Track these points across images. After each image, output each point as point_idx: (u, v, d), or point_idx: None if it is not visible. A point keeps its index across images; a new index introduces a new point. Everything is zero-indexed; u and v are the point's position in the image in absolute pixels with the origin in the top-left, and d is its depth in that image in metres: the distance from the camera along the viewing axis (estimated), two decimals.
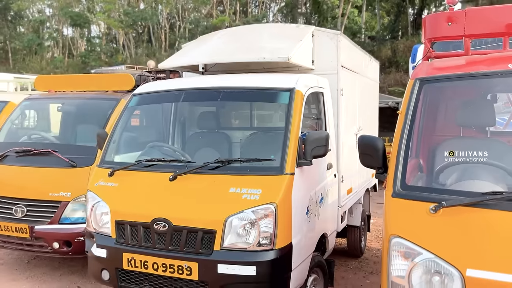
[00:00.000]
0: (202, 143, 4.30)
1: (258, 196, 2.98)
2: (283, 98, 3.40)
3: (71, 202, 4.41)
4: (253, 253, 2.94)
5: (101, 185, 3.53)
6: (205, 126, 4.56)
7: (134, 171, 3.52)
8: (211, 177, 3.22)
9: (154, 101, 4.15)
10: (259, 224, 2.94)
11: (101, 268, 3.38)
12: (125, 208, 3.33)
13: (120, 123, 3.91)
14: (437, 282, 2.02)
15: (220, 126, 4.64)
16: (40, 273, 4.96)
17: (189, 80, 4.02)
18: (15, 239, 4.54)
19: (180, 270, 3.03)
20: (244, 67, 4.37)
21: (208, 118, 4.59)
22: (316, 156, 3.22)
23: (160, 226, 3.12)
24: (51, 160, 4.59)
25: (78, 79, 5.46)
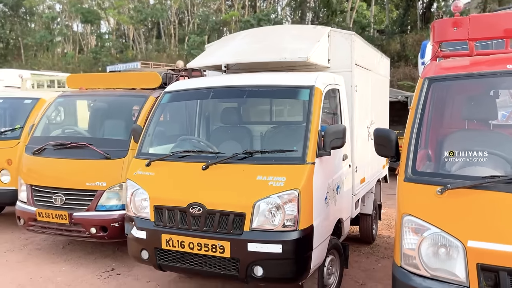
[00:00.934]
0: (225, 136, 4.68)
1: (283, 183, 3.35)
2: (304, 95, 3.76)
3: (107, 191, 4.82)
4: (279, 233, 3.31)
5: (139, 174, 3.92)
6: (228, 120, 4.94)
7: (168, 161, 3.90)
8: (239, 166, 3.59)
9: (185, 98, 4.52)
10: (284, 208, 3.31)
11: (141, 248, 3.78)
12: (162, 195, 3.72)
13: (153, 118, 4.29)
14: (443, 253, 2.37)
15: (242, 121, 5.01)
16: (76, 257, 5.39)
17: (215, 79, 4.37)
18: (55, 225, 4.97)
19: (214, 248, 3.41)
20: (264, 66, 4.72)
21: (230, 114, 4.96)
22: (334, 147, 3.58)
23: (195, 210, 3.50)
24: (86, 153, 5.00)
25: (108, 77, 5.85)
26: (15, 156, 6.20)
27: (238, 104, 5.02)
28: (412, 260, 2.46)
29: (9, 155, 6.22)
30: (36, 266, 5.07)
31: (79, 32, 46.99)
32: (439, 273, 2.37)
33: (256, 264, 3.32)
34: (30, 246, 5.83)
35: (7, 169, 6.22)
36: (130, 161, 4.83)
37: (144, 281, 4.63)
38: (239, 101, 4.70)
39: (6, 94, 7.53)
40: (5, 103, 7.05)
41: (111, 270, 4.94)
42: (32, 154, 5.28)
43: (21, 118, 6.65)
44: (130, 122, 5.24)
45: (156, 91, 5.44)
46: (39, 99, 6.67)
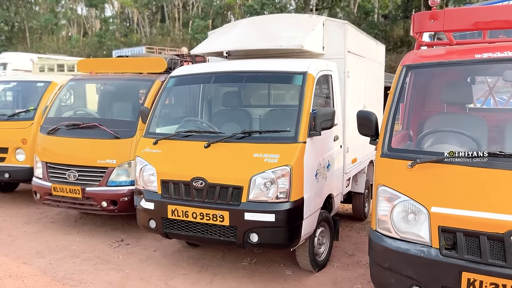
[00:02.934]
0: (226, 118, 5.04)
1: (277, 160, 3.73)
2: (297, 80, 4.10)
3: (116, 168, 5.22)
4: (273, 204, 3.70)
5: (147, 152, 4.31)
6: (229, 104, 5.30)
7: (174, 140, 4.28)
8: (238, 145, 3.96)
9: (188, 82, 4.88)
10: (277, 182, 3.69)
11: (149, 218, 4.19)
12: (169, 170, 4.11)
13: (160, 101, 4.66)
14: (411, 218, 2.75)
15: (242, 104, 5.37)
16: (88, 229, 5.83)
17: (217, 64, 4.71)
18: (68, 199, 5.39)
19: (214, 218, 3.81)
20: (263, 53, 5.04)
21: (231, 97, 5.32)
22: (324, 128, 3.94)
23: (198, 183, 3.89)
24: (98, 133, 5.38)
25: (116, 62, 6.21)
26: (29, 136, 6.60)
27: (238, 88, 5.37)
28: (385, 224, 2.84)
29: (24, 135, 6.62)
30: (52, 236, 5.52)
31: (83, 16, 47.05)
32: (407, 235, 2.75)
33: (252, 231, 3.73)
34: (44, 219, 6.28)
35: (22, 148, 6.63)
36: (138, 140, 5.23)
37: (151, 250, 5.06)
38: (239, 85, 5.05)
39: (19, 77, 7.91)
40: (19, 86, 7.44)
41: (121, 241, 5.37)
42: (47, 133, 5.67)
43: (34, 100, 7.03)
44: (137, 105, 5.62)
45: (162, 76, 5.79)
46: (51, 82, 7.04)
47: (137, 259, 4.81)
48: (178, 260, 4.78)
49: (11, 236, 5.53)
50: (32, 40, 45.43)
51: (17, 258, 4.81)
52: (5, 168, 6.64)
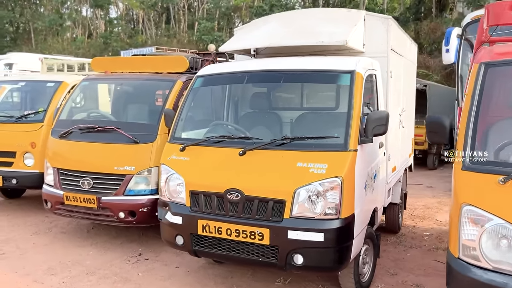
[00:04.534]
0: (254, 122, 4.59)
1: (325, 170, 3.27)
2: (344, 79, 3.65)
3: (135, 176, 4.77)
4: (321, 221, 3.24)
5: (174, 159, 3.86)
6: (257, 106, 4.85)
7: (203, 146, 3.83)
8: (278, 152, 3.51)
9: (218, 83, 4.44)
10: (326, 196, 3.23)
11: (176, 233, 3.74)
12: (198, 180, 3.65)
13: (186, 102, 4.21)
14: (505, 245, 2.28)
15: (271, 106, 4.92)
16: (102, 241, 5.38)
17: (250, 63, 4.27)
18: (82, 208, 4.94)
19: (252, 235, 3.36)
20: (294, 50, 4.61)
21: (260, 99, 4.87)
22: (376, 135, 3.48)
23: (233, 196, 3.44)
24: (114, 137, 4.94)
25: (134, 61, 5.77)
26: (38, 139, 6.18)
27: (267, 89, 4.93)
28: (472, 251, 2.37)
29: (33, 138, 6.20)
30: (64, 249, 5.07)
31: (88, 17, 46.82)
32: (501, 265, 2.29)
33: (296, 252, 3.27)
34: (55, 229, 5.83)
35: (30, 152, 6.21)
36: (159, 145, 4.80)
37: (173, 267, 4.61)
38: (275, 85, 4.61)
39: (28, 77, 7.50)
40: (27, 86, 7.02)
41: (139, 255, 4.92)
42: (59, 137, 5.23)
43: (43, 101, 6.62)
44: (156, 107, 5.18)
45: (183, 75, 5.35)
46: (62, 82, 6.61)
47: (159, 277, 4.36)
48: (203, 278, 4.32)
49: (19, 248, 5.08)
50: (37, 41, 45.20)
51: (27, 275, 4.36)
52: (12, 173, 6.22)
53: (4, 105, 7.39)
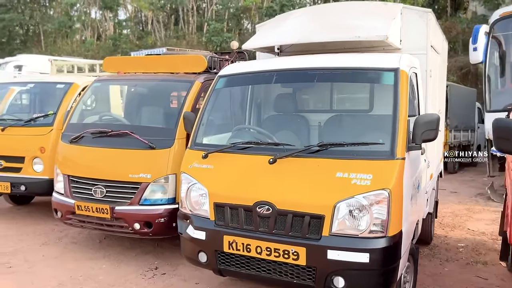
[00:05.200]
0: (279, 126, 4.21)
1: (369, 182, 2.88)
2: (387, 78, 3.26)
3: (151, 184, 4.43)
4: (365, 240, 2.85)
5: (195, 167, 3.50)
6: (282, 108, 4.49)
7: (228, 153, 3.46)
8: (313, 160, 3.13)
9: (242, 83, 4.07)
10: (371, 210, 2.85)
11: (198, 250, 3.37)
12: (224, 191, 3.29)
13: (207, 105, 3.85)
14: None
15: (297, 109, 4.55)
16: (115, 252, 5.03)
17: (278, 61, 3.89)
18: (94, 219, 4.61)
19: (286, 254, 2.98)
20: (321, 48, 4.24)
21: (285, 100, 4.50)
22: (426, 140, 3.09)
23: (264, 209, 3.07)
24: (129, 142, 4.60)
25: (148, 61, 5.42)
26: (48, 144, 5.87)
27: (293, 90, 4.55)
28: None
29: (42, 143, 5.89)
30: (75, 262, 4.73)
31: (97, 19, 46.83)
32: None
33: (337, 274, 2.89)
34: (65, 239, 5.51)
35: (40, 157, 5.90)
36: (176, 151, 4.47)
37: (192, 283, 4.25)
38: (306, 86, 4.24)
39: (37, 78, 7.21)
40: (36, 88, 6.72)
41: (155, 269, 4.56)
42: (69, 142, 4.90)
43: (53, 103, 6.31)
44: (172, 110, 4.83)
45: (201, 76, 4.99)
46: (72, 83, 6.30)
47: None
48: None
49: (28, 261, 4.76)
50: (46, 43, 45.30)
51: None
52: (21, 179, 5.91)
53: (13, 108, 7.13)
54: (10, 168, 5.99)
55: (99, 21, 46.57)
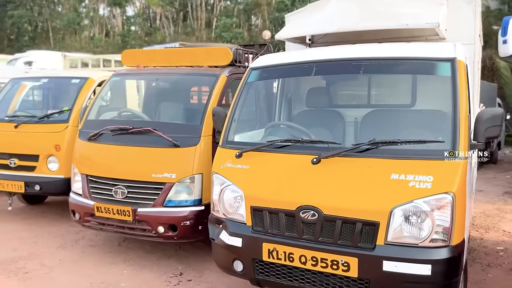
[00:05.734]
0: (311, 122, 3.91)
1: (430, 184, 2.57)
2: (444, 69, 2.94)
3: (176, 184, 4.15)
4: (427, 249, 2.55)
5: (229, 167, 3.21)
6: (314, 103, 4.20)
7: (264, 152, 3.17)
8: (363, 160, 2.82)
9: (277, 75, 3.78)
10: (433, 217, 2.54)
11: (233, 258, 3.09)
12: (262, 193, 3.00)
13: (239, 100, 3.55)
14: None
15: (332, 104, 4.25)
16: (136, 256, 4.77)
17: (317, 51, 3.57)
18: (115, 221, 4.34)
19: (335, 265, 2.69)
20: (358, 37, 3.93)
21: (318, 95, 4.20)
22: (489, 138, 2.77)
23: (308, 214, 2.78)
24: (151, 139, 4.32)
25: (170, 54, 5.12)
26: (63, 141, 5.62)
27: (326, 83, 4.25)
28: None
29: (57, 140, 5.64)
30: (94, 267, 4.48)
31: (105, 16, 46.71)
32: None
33: None
34: (82, 241, 5.26)
35: (55, 155, 5.65)
36: (202, 150, 4.19)
37: None
38: (351, 77, 3.92)
39: (51, 73, 6.95)
40: (50, 83, 6.45)
41: (180, 275, 4.29)
42: (88, 140, 4.63)
43: (68, 99, 6.06)
44: (198, 105, 4.55)
45: (226, 69, 4.69)
46: (88, 78, 6.03)
47: None
48: None
49: (44, 266, 4.50)
50: (55, 40, 45.29)
51: None
52: (35, 179, 5.66)
53: (26, 104, 6.88)
54: (23, 166, 5.75)
55: (107, 18, 46.45)
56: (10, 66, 14.36)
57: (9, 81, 6.58)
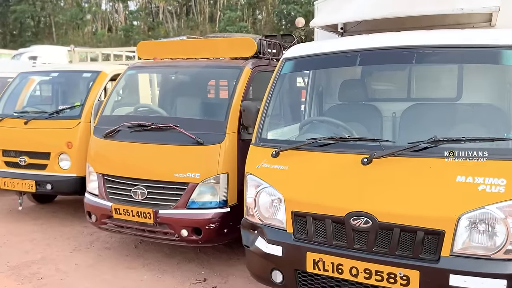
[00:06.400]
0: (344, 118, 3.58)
1: (503, 188, 2.27)
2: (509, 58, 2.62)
3: (200, 184, 3.86)
4: (501, 262, 2.25)
5: (265, 168, 2.92)
6: (348, 97, 3.89)
7: (304, 151, 2.87)
8: (420, 160, 2.52)
9: (315, 66, 3.47)
10: (508, 225, 2.24)
11: (272, 267, 2.81)
12: (305, 197, 2.71)
13: (273, 93, 3.25)
14: None
15: (367, 97, 3.93)
16: (155, 260, 4.49)
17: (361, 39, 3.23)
18: (135, 224, 4.06)
19: (392, 278, 2.40)
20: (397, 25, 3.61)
21: (352, 87, 3.90)
22: None
23: (360, 222, 2.48)
24: (172, 136, 4.03)
25: (189, 45, 4.79)
26: (75, 138, 5.34)
27: (362, 75, 3.94)
28: None
29: (69, 137, 5.35)
30: (112, 272, 4.20)
31: (107, 11, 46.36)
32: None
33: None
34: (97, 244, 4.98)
35: (66, 153, 5.36)
36: (227, 147, 3.90)
37: None
38: (401, 67, 3.61)
39: (61, 66, 6.66)
40: (61, 77, 6.16)
41: (204, 281, 4.01)
42: (104, 137, 4.34)
43: (79, 94, 5.77)
44: (221, 100, 4.25)
45: (249, 61, 4.38)
46: (100, 72, 5.73)
47: None
48: None
49: (59, 271, 4.23)
50: (58, 35, 45.00)
51: None
52: (47, 177, 5.38)
53: (34, 100, 6.60)
54: (34, 165, 5.47)
55: (109, 13, 46.09)
56: (15, 60, 14.07)
57: (17, 76, 6.29)
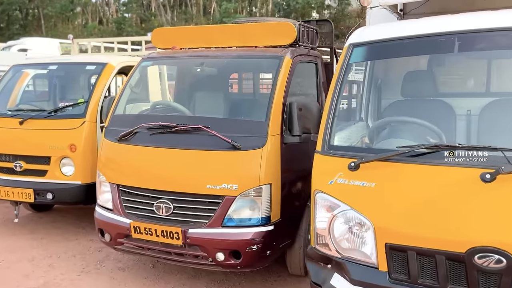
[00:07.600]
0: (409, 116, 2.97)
1: None
2: None
3: (238, 198, 3.21)
4: None
5: (341, 184, 2.27)
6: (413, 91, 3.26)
7: (393, 162, 2.23)
8: None
9: (393, 53, 2.80)
10: None
11: None
12: (404, 225, 2.07)
13: (340, 87, 2.60)
14: None
15: (437, 92, 3.31)
16: (179, 284, 3.85)
17: (457, 18, 2.58)
18: (158, 245, 3.40)
19: None
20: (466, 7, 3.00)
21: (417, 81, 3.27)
22: None
23: (490, 260, 1.86)
24: (202, 140, 3.37)
25: (214, 32, 4.10)
26: (79, 140, 4.67)
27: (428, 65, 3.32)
28: None
29: (72, 139, 4.68)
30: None
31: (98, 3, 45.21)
32: None
33: None
34: (107, 263, 4.31)
35: (69, 157, 4.68)
36: (270, 153, 3.25)
37: None
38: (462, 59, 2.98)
39: (61, 58, 5.94)
40: (60, 70, 5.42)
41: None
42: (118, 140, 3.65)
43: (83, 89, 5.09)
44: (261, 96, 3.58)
45: (288, 50, 3.71)
46: (106, 64, 5.03)
47: None
48: None
49: None
50: (47, 27, 43.79)
51: None
52: (47, 185, 4.70)
53: (30, 96, 5.90)
54: (32, 170, 4.78)
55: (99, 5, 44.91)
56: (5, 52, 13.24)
57: (10, 69, 5.56)
